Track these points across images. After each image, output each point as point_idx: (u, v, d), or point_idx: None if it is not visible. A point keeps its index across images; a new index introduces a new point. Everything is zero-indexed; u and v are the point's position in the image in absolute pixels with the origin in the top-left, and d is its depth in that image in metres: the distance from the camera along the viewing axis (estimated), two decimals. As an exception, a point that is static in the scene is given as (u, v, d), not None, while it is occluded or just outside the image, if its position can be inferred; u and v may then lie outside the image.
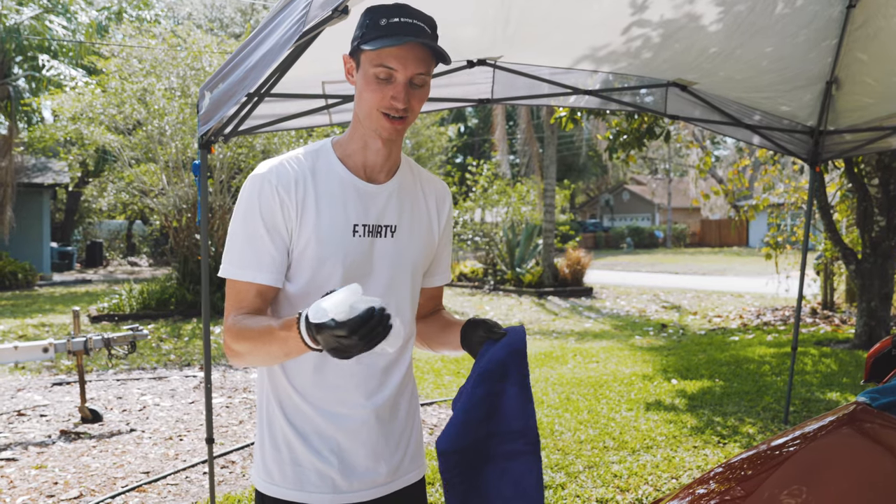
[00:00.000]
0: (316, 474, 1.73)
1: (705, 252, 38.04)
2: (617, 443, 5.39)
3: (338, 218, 1.70)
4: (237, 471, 5.02)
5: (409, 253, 1.82)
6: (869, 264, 8.86)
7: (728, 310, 13.83)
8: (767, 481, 2.17)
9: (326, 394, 1.74)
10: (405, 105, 1.65)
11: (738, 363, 8.33)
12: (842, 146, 5.43)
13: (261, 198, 1.66)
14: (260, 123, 3.84)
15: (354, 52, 1.70)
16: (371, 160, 1.77)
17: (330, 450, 1.74)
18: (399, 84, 1.64)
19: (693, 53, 4.40)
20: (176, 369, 8.65)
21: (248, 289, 1.67)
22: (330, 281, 1.69)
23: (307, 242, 1.68)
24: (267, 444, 1.78)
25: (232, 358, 1.68)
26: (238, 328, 1.63)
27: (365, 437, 1.76)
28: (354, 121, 1.77)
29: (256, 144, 14.31)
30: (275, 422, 1.76)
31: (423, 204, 1.88)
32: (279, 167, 1.69)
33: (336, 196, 1.71)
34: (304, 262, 1.71)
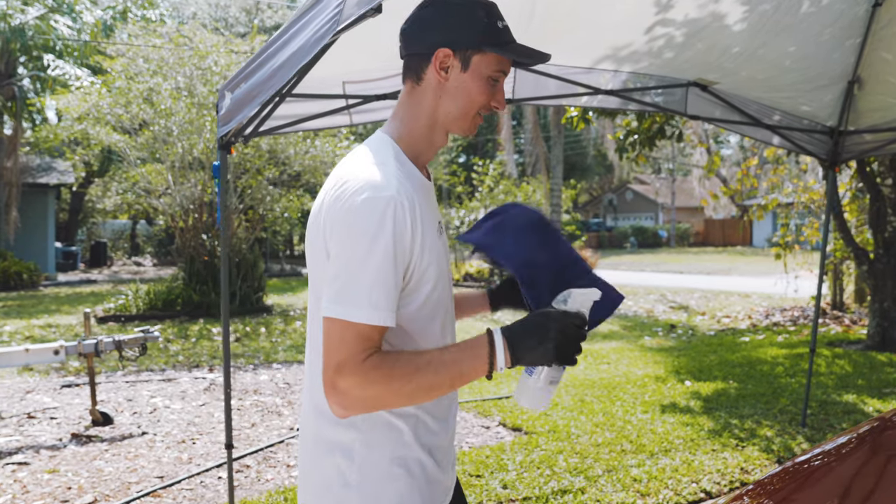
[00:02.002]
0: (440, 487, 1.68)
1: (709, 252, 37.96)
2: (635, 446, 5.33)
3: (429, 221, 1.57)
4: (252, 475, 4.96)
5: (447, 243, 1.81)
6: (882, 265, 8.80)
7: (736, 310, 13.77)
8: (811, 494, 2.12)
9: (442, 408, 1.68)
10: (504, 107, 1.69)
11: (751, 364, 8.27)
12: (861, 146, 5.37)
13: (395, 225, 1.45)
14: (281, 124, 3.78)
15: (463, 50, 1.60)
16: (430, 157, 1.72)
17: (443, 460, 1.69)
18: (502, 88, 1.67)
19: (715, 53, 4.34)
20: (185, 371, 8.61)
21: (374, 331, 1.45)
22: (436, 296, 1.60)
23: (428, 265, 1.55)
24: (399, 474, 1.58)
25: (348, 406, 1.45)
26: (374, 369, 1.43)
27: (451, 442, 1.75)
28: (427, 119, 1.65)
29: (262, 144, 14.29)
30: (403, 448, 1.59)
31: None
32: (402, 186, 1.50)
33: (425, 203, 1.58)
34: (420, 285, 1.56)
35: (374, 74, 3.87)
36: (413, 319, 1.57)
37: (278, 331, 11.78)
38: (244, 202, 14.58)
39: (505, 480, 4.66)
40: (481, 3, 1.63)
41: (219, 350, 9.98)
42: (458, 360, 1.45)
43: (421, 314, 1.58)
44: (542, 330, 1.44)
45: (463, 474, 4.72)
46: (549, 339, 1.43)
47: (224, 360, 3.79)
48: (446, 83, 1.62)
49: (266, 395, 7.28)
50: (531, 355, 1.45)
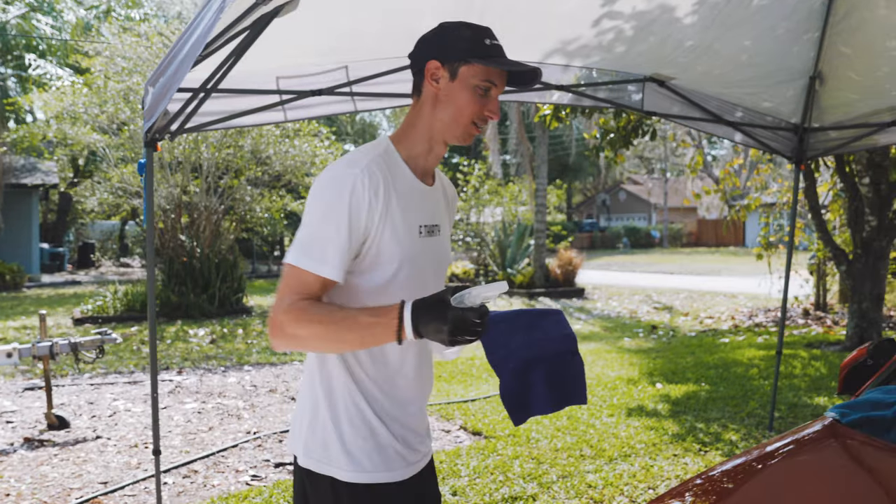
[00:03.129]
0: (395, 453, 1.86)
1: (702, 252, 37.87)
2: (594, 451, 5.21)
3: (410, 220, 1.81)
4: (199, 480, 4.83)
5: (446, 250, 2.00)
6: (860, 265, 8.69)
7: (720, 311, 13.66)
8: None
9: (398, 382, 1.87)
10: (498, 117, 1.84)
11: (726, 366, 8.16)
12: (827, 144, 5.26)
13: (352, 196, 1.71)
14: (209, 121, 3.65)
15: (451, 61, 1.79)
16: (430, 163, 1.91)
17: (402, 432, 1.87)
18: (494, 99, 1.82)
19: (669, 47, 4.22)
20: (153, 373, 8.46)
21: (315, 280, 1.72)
22: (402, 279, 1.80)
23: (388, 243, 1.77)
24: (348, 434, 1.82)
25: (282, 340, 1.71)
26: (304, 313, 1.68)
27: (419, 417, 1.93)
28: (422, 125, 1.86)
29: (245, 145, 14.16)
30: (355, 410, 1.83)
31: (446, 203, 2.03)
32: (370, 169, 1.74)
33: (408, 199, 1.81)
34: (381, 262, 1.78)
35: (308, 70, 3.75)
36: (373, 295, 1.78)
37: (255, 332, 11.64)
38: (224, 203, 14.43)
39: (455, 487, 4.54)
40: (470, 25, 1.84)
41: (192, 352, 9.85)
42: (371, 325, 1.65)
43: (383, 294, 1.78)
44: (441, 318, 1.60)
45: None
46: (444, 327, 1.59)
47: (151, 363, 3.66)
48: (438, 93, 1.81)
49: (230, 398, 7.15)
50: (430, 335, 1.62)
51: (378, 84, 3.95)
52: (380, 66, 3.88)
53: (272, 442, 5.65)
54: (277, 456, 5.30)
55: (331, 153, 15.06)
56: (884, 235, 8.53)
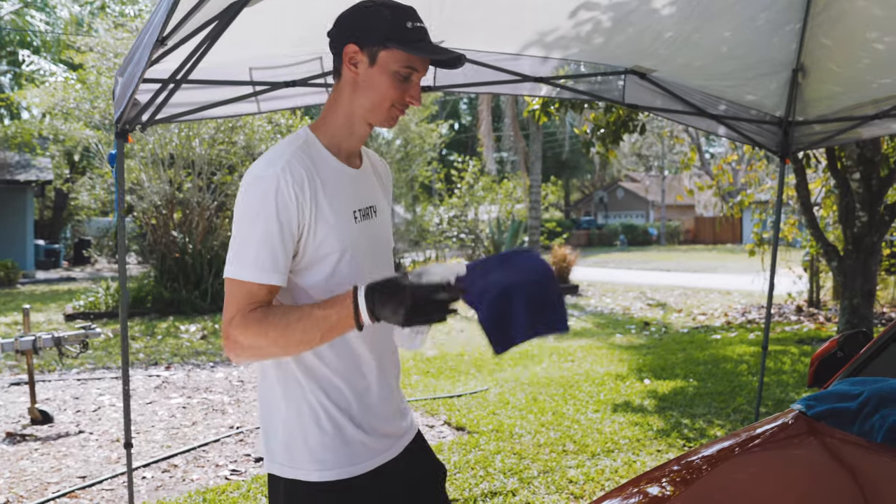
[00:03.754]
0: (361, 446, 1.80)
1: (699, 249, 37.83)
2: (578, 446, 5.18)
3: (342, 208, 1.77)
4: (178, 475, 4.81)
5: (387, 230, 1.94)
6: (851, 261, 8.65)
7: (714, 307, 13.63)
8: (690, 494, 1.99)
9: (363, 370, 1.82)
10: (420, 102, 1.81)
11: (716, 362, 8.13)
12: (812, 137, 5.21)
13: (277, 198, 1.66)
14: (180, 112, 3.61)
15: (370, 46, 1.74)
16: (354, 145, 1.86)
17: (370, 421, 1.82)
18: (416, 84, 1.78)
19: (648, 39, 4.18)
20: (141, 368, 8.45)
21: (260, 290, 1.68)
22: (345, 269, 1.76)
23: (325, 237, 1.73)
24: (313, 434, 1.76)
25: (241, 354, 1.67)
26: (259, 323, 1.64)
27: (386, 402, 1.86)
28: (342, 109, 1.81)
29: (238, 141, 14.12)
30: (320, 410, 1.77)
31: (380, 182, 1.99)
32: (291, 165, 1.70)
33: (336, 186, 1.77)
34: (321, 256, 1.74)
35: (281, 60, 3.70)
36: (323, 290, 1.73)
37: (247, 328, 11.59)
38: (216, 199, 14.40)
39: (435, 481, 4.51)
40: (390, 4, 1.77)
41: (182, 348, 9.83)
42: (327, 316, 1.61)
43: (330, 287, 1.73)
44: (397, 297, 1.56)
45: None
46: (401, 306, 1.55)
47: (122, 353, 3.63)
48: (357, 77, 1.76)
49: (216, 392, 7.13)
50: (388, 316, 1.58)
51: (354, 75, 3.91)
52: (355, 57, 3.84)
53: (254, 437, 5.63)
54: (258, 451, 5.28)
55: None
56: (875, 231, 8.50)
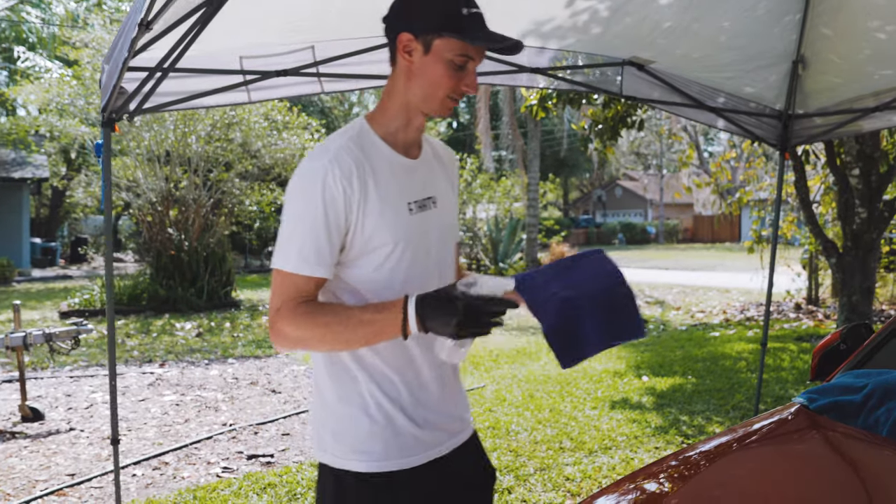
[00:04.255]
0: (413, 439, 1.77)
1: (697, 248, 37.76)
2: (574, 443, 5.12)
3: (395, 199, 1.73)
4: (169, 472, 4.74)
5: (448, 221, 1.89)
6: (850, 257, 8.58)
7: (712, 305, 13.57)
8: (690, 489, 1.92)
9: (411, 364, 1.78)
10: (476, 91, 1.74)
11: (715, 359, 8.07)
12: (812, 130, 5.14)
13: (324, 191, 1.65)
14: (169, 101, 3.53)
15: (424, 34, 1.70)
16: (411, 137, 1.81)
17: (420, 415, 1.79)
18: (472, 72, 1.72)
19: (646, 29, 4.11)
20: (135, 366, 8.37)
21: (307, 282, 1.67)
22: (396, 262, 1.73)
23: (375, 230, 1.70)
24: (364, 425, 1.75)
25: (283, 343, 1.68)
26: (304, 315, 1.64)
27: (440, 397, 1.83)
28: (397, 98, 1.77)
29: (235, 138, 14.05)
30: (371, 401, 1.75)
31: (444, 171, 1.93)
32: (339, 157, 1.68)
33: (389, 177, 1.73)
34: (370, 249, 1.71)
35: (273, 49, 3.63)
36: (367, 282, 1.72)
37: (242, 326, 11.53)
38: (213, 196, 14.32)
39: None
40: None
41: (177, 345, 9.76)
42: (374, 321, 1.60)
43: (381, 280, 1.72)
44: (448, 310, 1.54)
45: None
46: (452, 318, 1.53)
47: (109, 349, 3.55)
48: (412, 66, 1.71)
49: (210, 390, 7.05)
50: (438, 328, 1.57)
51: (346, 65, 3.83)
52: (347, 46, 3.77)
53: (247, 434, 5.56)
54: (251, 448, 5.20)
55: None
56: (874, 228, 8.43)
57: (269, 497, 4.26)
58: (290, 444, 5.32)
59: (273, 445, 5.27)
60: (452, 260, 1.91)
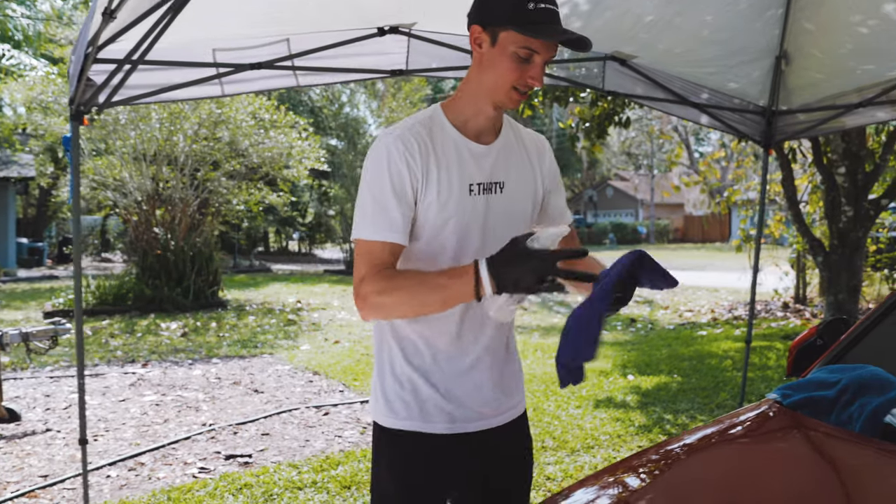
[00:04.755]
0: (435, 407, 1.89)
1: (687, 248, 37.82)
2: (557, 442, 5.07)
3: (456, 179, 1.82)
4: (145, 473, 4.66)
5: (519, 206, 1.94)
6: (836, 256, 8.56)
7: (701, 304, 13.55)
8: (656, 486, 1.87)
9: (443, 340, 1.89)
10: (542, 83, 1.79)
11: (701, 358, 8.04)
12: (795, 127, 5.10)
13: (390, 164, 1.77)
14: (140, 94, 3.46)
15: (491, 26, 1.76)
16: (482, 124, 1.89)
17: (446, 387, 1.89)
18: (538, 65, 1.76)
19: (628, 23, 4.06)
20: (118, 366, 8.28)
21: (383, 248, 1.77)
22: (450, 238, 1.83)
23: (430, 204, 1.80)
24: (389, 384, 1.92)
25: (371, 311, 1.77)
26: (385, 280, 1.73)
27: (475, 376, 1.92)
28: (470, 88, 1.86)
29: (223, 136, 13.95)
30: (396, 364, 1.91)
31: (526, 158, 1.98)
32: (403, 135, 1.80)
33: (453, 159, 1.83)
34: (427, 223, 1.81)
35: (246, 42, 3.57)
36: (424, 255, 1.84)
37: (228, 326, 11.44)
38: (199, 195, 14.23)
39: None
40: None
41: (161, 345, 9.67)
42: (449, 285, 1.66)
43: (431, 251, 1.83)
44: (524, 263, 1.58)
45: (354, 478, 4.44)
46: (530, 271, 1.57)
47: (77, 352, 3.48)
48: (482, 57, 1.80)
49: (191, 390, 6.97)
50: (514, 286, 1.60)
51: (322, 58, 3.77)
52: (323, 39, 3.71)
53: (226, 434, 5.49)
54: (229, 448, 5.13)
55: (308, 145, 14.85)
56: (860, 226, 8.41)
57: (244, 498, 4.19)
58: (270, 444, 5.25)
59: (252, 445, 5.20)
60: None
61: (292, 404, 6.37)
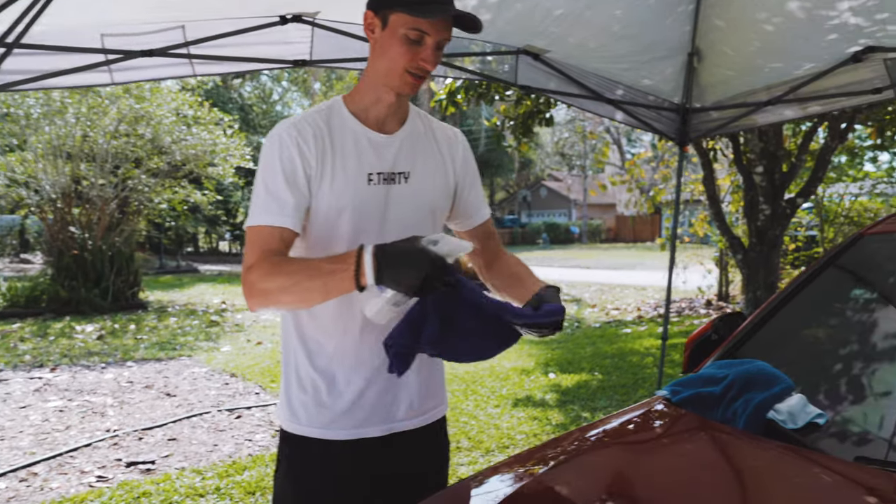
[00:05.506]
0: (338, 412, 1.82)
1: (619, 247, 38.40)
2: (472, 442, 4.99)
3: (353, 168, 1.78)
4: (37, 483, 4.41)
5: (425, 196, 1.88)
6: (755, 253, 8.72)
7: (628, 302, 13.70)
8: (533, 485, 1.79)
9: (346, 340, 1.81)
10: (434, 66, 1.74)
11: (623, 356, 8.08)
12: (709, 124, 5.14)
13: (281, 151, 1.74)
14: (20, 79, 3.25)
15: (381, 10, 1.73)
16: (383, 113, 1.84)
17: (352, 392, 1.82)
18: (429, 47, 1.72)
19: (538, 16, 4.00)
20: (24, 371, 7.90)
21: (272, 233, 1.71)
22: (346, 227, 1.77)
23: (326, 193, 1.75)
24: (294, 388, 1.87)
25: (257, 298, 1.68)
26: (271, 266, 1.66)
27: (384, 379, 1.83)
28: (368, 77, 1.83)
29: (145, 133, 13.52)
30: (301, 367, 1.85)
31: (436, 148, 1.94)
32: (298, 123, 1.77)
33: (350, 148, 1.79)
34: (322, 211, 1.76)
35: (138, 27, 3.38)
36: (317, 245, 1.78)
37: (148, 328, 11.08)
38: (119, 193, 13.76)
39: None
40: None
41: (74, 348, 9.28)
42: (332, 271, 1.56)
43: (324, 242, 1.77)
44: (416, 261, 1.48)
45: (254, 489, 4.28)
46: (418, 272, 1.47)
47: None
48: (375, 43, 1.76)
49: (100, 395, 6.68)
50: (395, 281, 1.50)
51: (220, 47, 3.60)
52: (221, 26, 3.54)
53: (131, 440, 5.25)
54: (132, 455, 4.91)
55: (234, 142, 14.51)
56: (777, 224, 8.59)
57: (142, 507, 4.00)
58: (176, 449, 5.04)
59: (156, 451, 4.98)
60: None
61: (204, 408, 6.16)
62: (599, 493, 1.62)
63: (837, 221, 11.63)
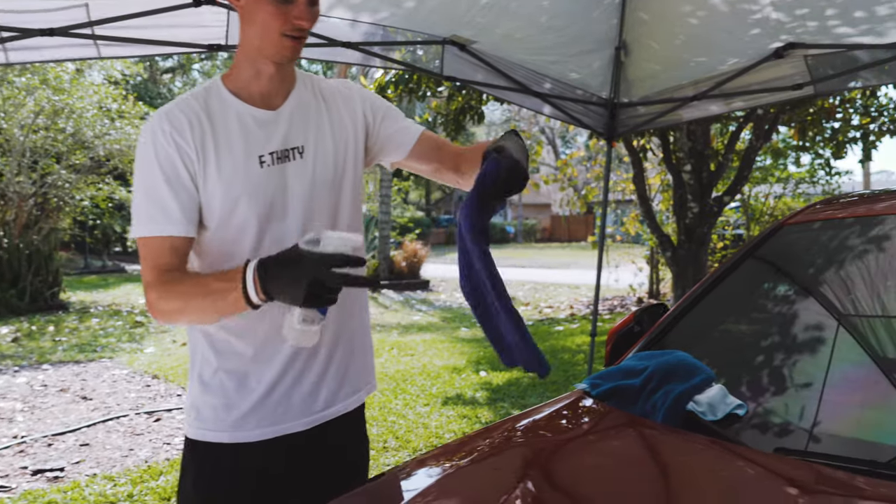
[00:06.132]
0: (252, 413, 1.70)
1: (554, 247, 38.75)
2: (400, 442, 4.88)
3: (240, 152, 1.63)
4: (-67, 495, 4.14)
5: (327, 166, 1.74)
6: (684, 251, 8.82)
7: (561, 301, 13.77)
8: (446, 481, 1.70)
9: (257, 335, 1.68)
10: (311, 23, 1.61)
11: (555, 353, 8.08)
12: (636, 119, 5.14)
13: (157, 150, 1.59)
14: None
15: None
16: (266, 87, 1.70)
17: (266, 388, 1.69)
18: (301, 4, 1.59)
19: (463, 5, 3.91)
20: (-71, 375, 7.47)
21: (162, 244, 1.58)
22: (247, 219, 1.63)
23: (214, 185, 1.61)
24: (198, 391, 1.72)
25: (161, 318, 1.59)
26: (164, 286, 1.56)
27: (298, 371, 1.72)
28: (243, 50, 1.69)
29: (66, 127, 13.02)
30: (208, 368, 1.71)
31: (328, 111, 1.78)
32: (171, 112, 1.62)
33: (235, 131, 1.64)
34: (215, 206, 1.62)
35: (36, 4, 3.18)
36: (214, 245, 1.64)
37: (68, 329, 10.64)
38: (38, 190, 13.22)
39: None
40: None
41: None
42: (223, 290, 1.47)
43: (221, 238, 1.63)
44: (295, 271, 1.38)
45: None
46: (300, 282, 1.37)
47: None
48: (242, 12, 1.63)
49: (9, 399, 6.35)
50: (282, 294, 1.42)
51: (129, 28, 3.41)
52: (129, 6, 3.36)
53: (39, 446, 4.98)
54: (39, 462, 4.65)
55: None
56: (705, 222, 8.70)
57: (45, 517, 3.77)
58: (88, 455, 4.80)
59: (66, 458, 4.73)
60: (336, 207, 1.76)
61: (122, 411, 5.90)
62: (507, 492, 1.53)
63: (763, 220, 11.89)
